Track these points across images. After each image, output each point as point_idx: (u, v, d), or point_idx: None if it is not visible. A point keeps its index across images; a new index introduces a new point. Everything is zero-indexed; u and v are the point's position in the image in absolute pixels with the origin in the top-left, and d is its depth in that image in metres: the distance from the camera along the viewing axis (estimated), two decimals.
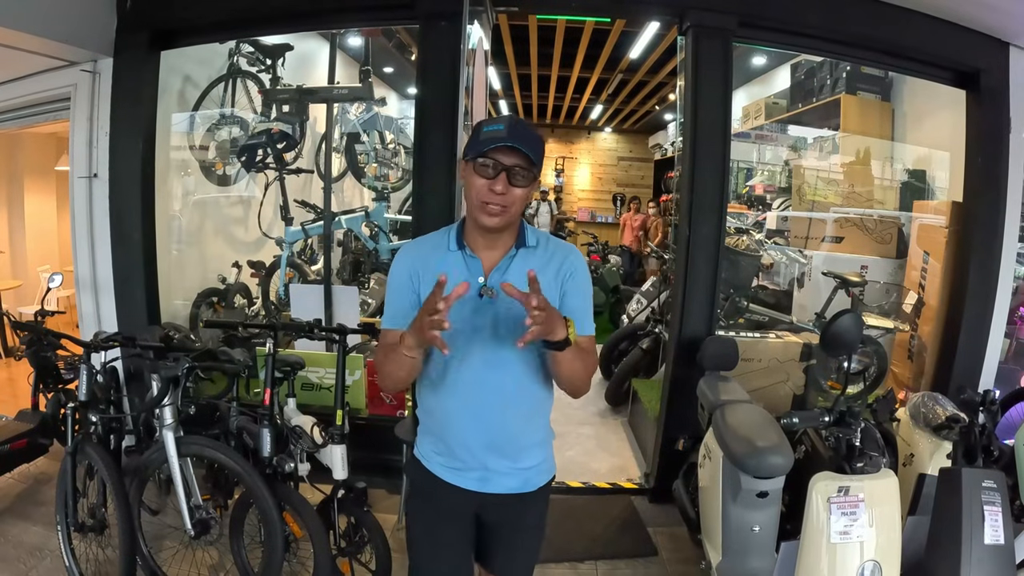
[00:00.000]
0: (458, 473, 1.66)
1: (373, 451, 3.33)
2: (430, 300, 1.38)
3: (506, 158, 1.48)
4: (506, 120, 1.51)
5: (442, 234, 1.68)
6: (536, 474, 1.72)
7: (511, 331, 1.54)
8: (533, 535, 1.81)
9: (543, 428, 1.75)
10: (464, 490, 1.66)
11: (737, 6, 3.30)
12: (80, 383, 2.79)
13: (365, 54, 4.93)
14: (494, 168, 1.48)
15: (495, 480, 1.66)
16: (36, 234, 6.99)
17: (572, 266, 1.65)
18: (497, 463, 1.64)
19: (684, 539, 3.10)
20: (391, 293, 1.67)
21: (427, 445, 1.72)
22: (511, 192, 1.50)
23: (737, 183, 6.66)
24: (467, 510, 1.71)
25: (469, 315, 1.57)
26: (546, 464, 1.76)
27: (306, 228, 4.59)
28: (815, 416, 2.08)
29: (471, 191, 1.53)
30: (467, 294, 1.50)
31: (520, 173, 1.50)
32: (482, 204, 1.51)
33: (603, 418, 4.97)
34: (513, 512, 1.72)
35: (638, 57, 7.22)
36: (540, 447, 1.74)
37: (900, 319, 4.38)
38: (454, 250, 1.62)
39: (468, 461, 1.64)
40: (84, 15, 3.51)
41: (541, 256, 1.64)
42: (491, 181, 1.49)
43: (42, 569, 2.80)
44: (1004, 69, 3.54)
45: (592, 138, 14.03)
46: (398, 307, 1.64)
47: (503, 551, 1.78)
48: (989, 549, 1.94)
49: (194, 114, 4.60)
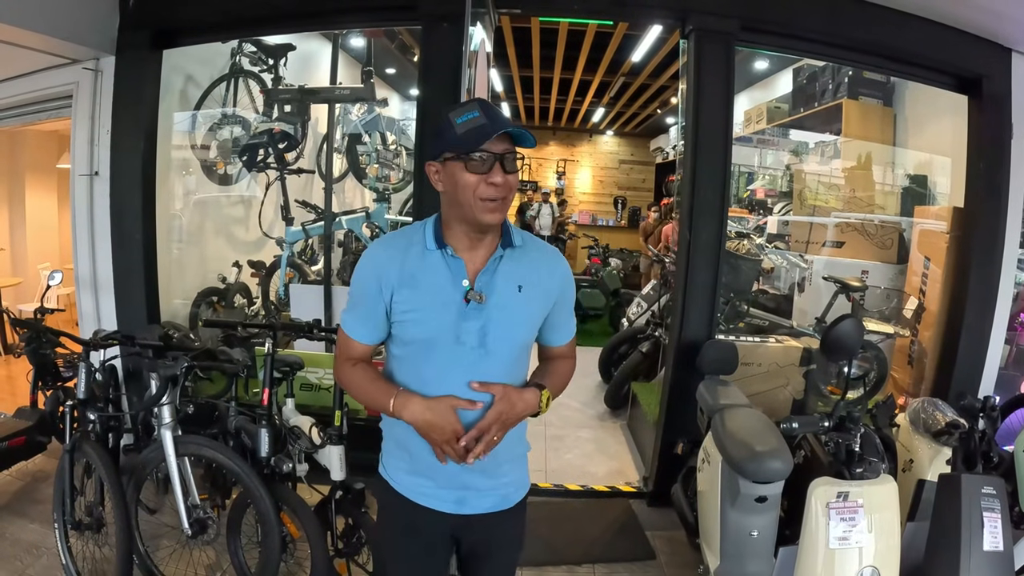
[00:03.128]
0: (432, 496, 1.55)
1: (371, 452, 3.28)
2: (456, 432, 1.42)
3: (496, 146, 1.38)
4: (476, 106, 1.41)
5: (416, 230, 1.53)
6: (514, 490, 1.63)
7: (500, 339, 1.48)
8: (513, 549, 1.73)
9: (521, 441, 1.65)
10: (438, 512, 1.55)
11: (739, 10, 3.30)
12: (79, 381, 2.78)
13: (367, 55, 4.94)
14: (486, 159, 1.37)
15: (472, 501, 1.55)
16: (36, 231, 6.99)
17: (562, 277, 1.59)
18: (476, 481, 1.54)
19: (682, 543, 3.09)
20: (356, 295, 1.54)
21: (396, 463, 1.59)
22: (507, 180, 1.40)
23: (738, 187, 6.66)
24: (443, 532, 1.60)
25: (453, 322, 1.45)
26: (523, 479, 1.67)
27: (307, 228, 4.59)
28: (815, 421, 2.08)
29: (463, 190, 1.39)
30: (451, 298, 1.46)
31: (511, 158, 1.41)
32: (483, 202, 1.39)
33: (602, 421, 4.96)
34: (492, 530, 1.62)
35: (640, 60, 7.22)
36: (518, 461, 1.65)
37: (900, 324, 4.38)
38: (432, 249, 1.48)
39: (443, 481, 1.53)
40: (87, 13, 3.51)
41: (531, 257, 1.54)
42: (486, 175, 1.38)
43: (39, 567, 2.80)
44: (1006, 75, 3.54)
45: (594, 141, 14.02)
46: (364, 314, 1.53)
47: (484, 568, 1.70)
48: (988, 555, 1.94)
49: (196, 113, 4.60)
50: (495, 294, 1.47)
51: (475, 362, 1.46)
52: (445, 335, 1.46)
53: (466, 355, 1.46)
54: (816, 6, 3.36)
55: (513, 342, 1.51)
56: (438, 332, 1.46)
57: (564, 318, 1.64)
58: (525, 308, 1.52)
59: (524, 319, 1.53)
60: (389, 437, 1.63)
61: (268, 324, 3.01)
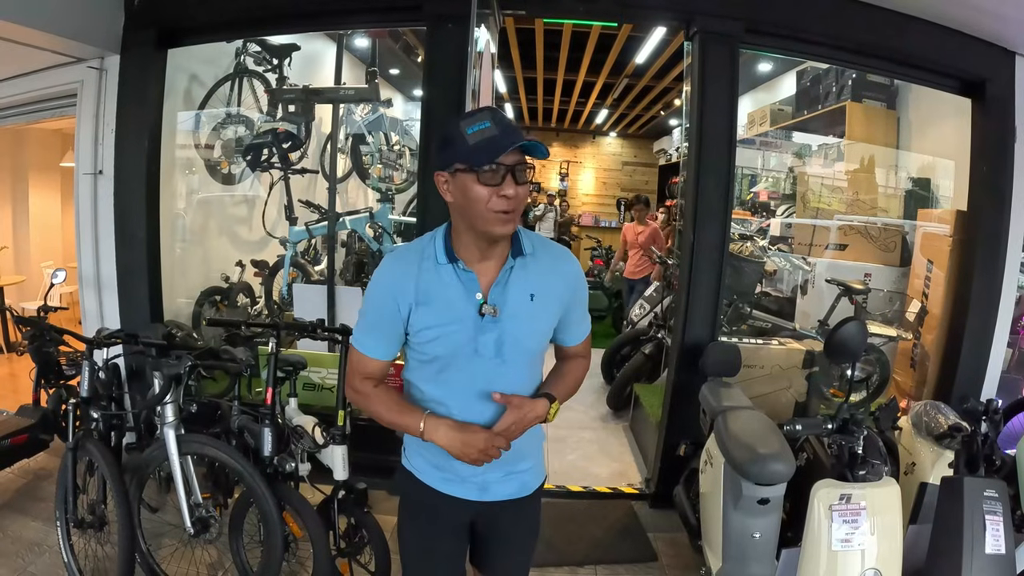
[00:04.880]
0: (456, 484, 1.60)
1: (374, 452, 3.30)
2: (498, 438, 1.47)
3: (507, 158, 1.36)
4: (487, 115, 1.39)
5: (425, 243, 1.52)
6: (532, 477, 1.68)
7: (515, 349, 1.50)
8: (530, 536, 1.79)
9: (538, 431, 1.69)
10: (462, 500, 1.61)
11: (744, 12, 3.30)
12: (82, 379, 2.79)
13: (372, 55, 4.95)
14: (498, 171, 1.36)
15: (494, 488, 1.61)
16: (40, 230, 7.02)
17: (573, 278, 1.60)
18: (497, 468, 1.58)
19: (684, 545, 3.09)
20: (371, 311, 1.54)
21: (421, 460, 1.63)
22: (519, 193, 1.39)
23: (741, 189, 6.66)
24: (464, 520, 1.67)
25: (470, 336, 1.47)
26: (540, 466, 1.73)
27: (310, 228, 4.60)
28: (817, 423, 2.08)
29: (474, 203, 1.38)
30: (466, 313, 1.48)
31: (523, 169, 1.39)
32: (495, 215, 1.38)
33: (604, 423, 4.96)
34: (510, 517, 1.68)
35: (644, 62, 7.22)
36: (535, 450, 1.71)
37: (903, 327, 4.38)
38: (444, 263, 1.47)
39: (467, 470, 1.56)
40: (92, 12, 3.52)
41: (541, 263, 1.54)
42: (497, 188, 1.36)
43: (41, 565, 2.80)
44: (1010, 78, 3.54)
45: (597, 142, 14.02)
46: (381, 333, 1.54)
47: (502, 555, 1.76)
48: (990, 558, 1.94)
49: (200, 113, 4.61)
50: (508, 305, 1.49)
51: (492, 371, 1.50)
52: (463, 349, 1.48)
53: (484, 366, 1.49)
54: (820, 9, 3.36)
55: (528, 350, 1.55)
56: (457, 347, 1.48)
57: (578, 317, 1.65)
58: (538, 317, 1.54)
59: (537, 328, 1.56)
60: (411, 437, 1.64)
61: (271, 323, 3.01)
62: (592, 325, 1.73)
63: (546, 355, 1.66)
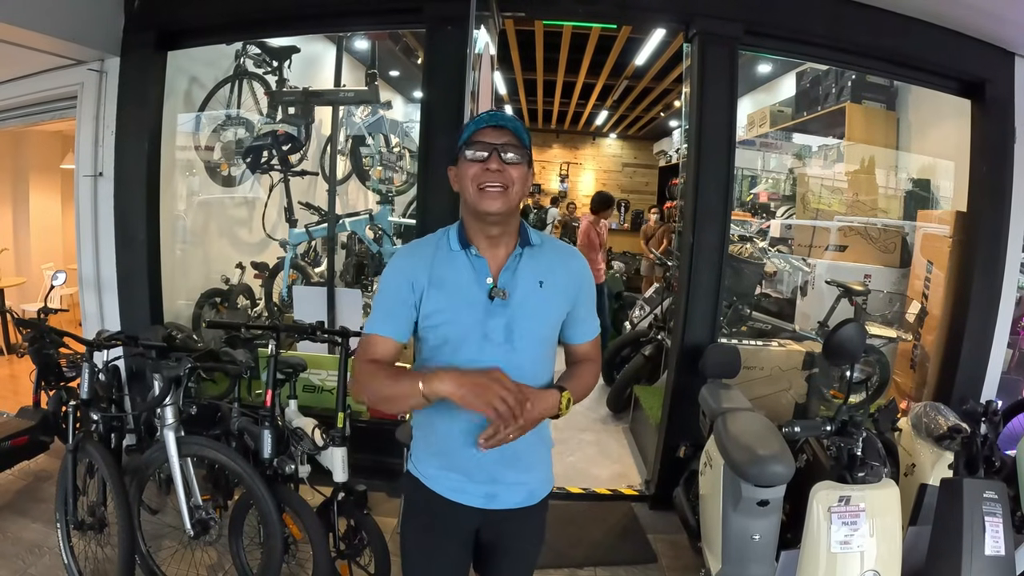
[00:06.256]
0: (463, 492, 1.58)
1: (374, 454, 3.32)
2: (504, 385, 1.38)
3: (493, 137, 1.45)
4: (486, 112, 1.51)
5: (440, 235, 1.59)
6: (540, 484, 1.67)
7: (525, 334, 1.51)
8: (535, 544, 1.77)
9: (548, 436, 1.70)
10: (468, 508, 1.58)
11: (743, 14, 3.30)
12: (82, 381, 2.79)
13: (371, 57, 4.95)
14: (484, 149, 1.45)
15: (502, 496, 1.59)
16: (40, 231, 7.02)
17: (580, 274, 1.62)
18: (506, 476, 1.57)
19: (684, 546, 3.09)
20: (385, 296, 1.56)
21: (428, 464, 1.61)
22: (507, 170, 1.45)
23: (741, 191, 6.66)
24: (469, 528, 1.64)
25: (480, 320, 1.49)
26: (549, 475, 1.72)
27: (310, 230, 4.60)
28: (817, 425, 2.08)
29: (466, 184, 1.46)
30: (476, 297, 1.50)
31: (510, 149, 1.45)
32: (479, 189, 1.45)
33: (604, 424, 4.96)
34: (517, 525, 1.66)
35: (644, 63, 7.22)
36: (545, 457, 1.70)
37: (903, 328, 4.38)
38: (457, 250, 1.53)
39: (477, 476, 1.56)
40: (92, 14, 3.53)
41: (548, 255, 1.59)
42: (483, 163, 1.44)
43: (41, 566, 2.80)
44: (1010, 79, 3.54)
45: (597, 144, 14.03)
46: (392, 312, 1.54)
47: (507, 564, 1.74)
48: (990, 560, 1.94)
49: (200, 115, 4.61)
50: (517, 290, 1.52)
51: (503, 359, 1.48)
52: (473, 333, 1.50)
53: (494, 352, 1.49)
54: (820, 10, 3.37)
55: (537, 337, 1.55)
56: (467, 330, 1.49)
57: (585, 314, 1.66)
58: (546, 303, 1.56)
59: (546, 313, 1.57)
60: (420, 437, 1.65)
61: (271, 326, 3.02)
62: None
63: (555, 361, 1.64)
